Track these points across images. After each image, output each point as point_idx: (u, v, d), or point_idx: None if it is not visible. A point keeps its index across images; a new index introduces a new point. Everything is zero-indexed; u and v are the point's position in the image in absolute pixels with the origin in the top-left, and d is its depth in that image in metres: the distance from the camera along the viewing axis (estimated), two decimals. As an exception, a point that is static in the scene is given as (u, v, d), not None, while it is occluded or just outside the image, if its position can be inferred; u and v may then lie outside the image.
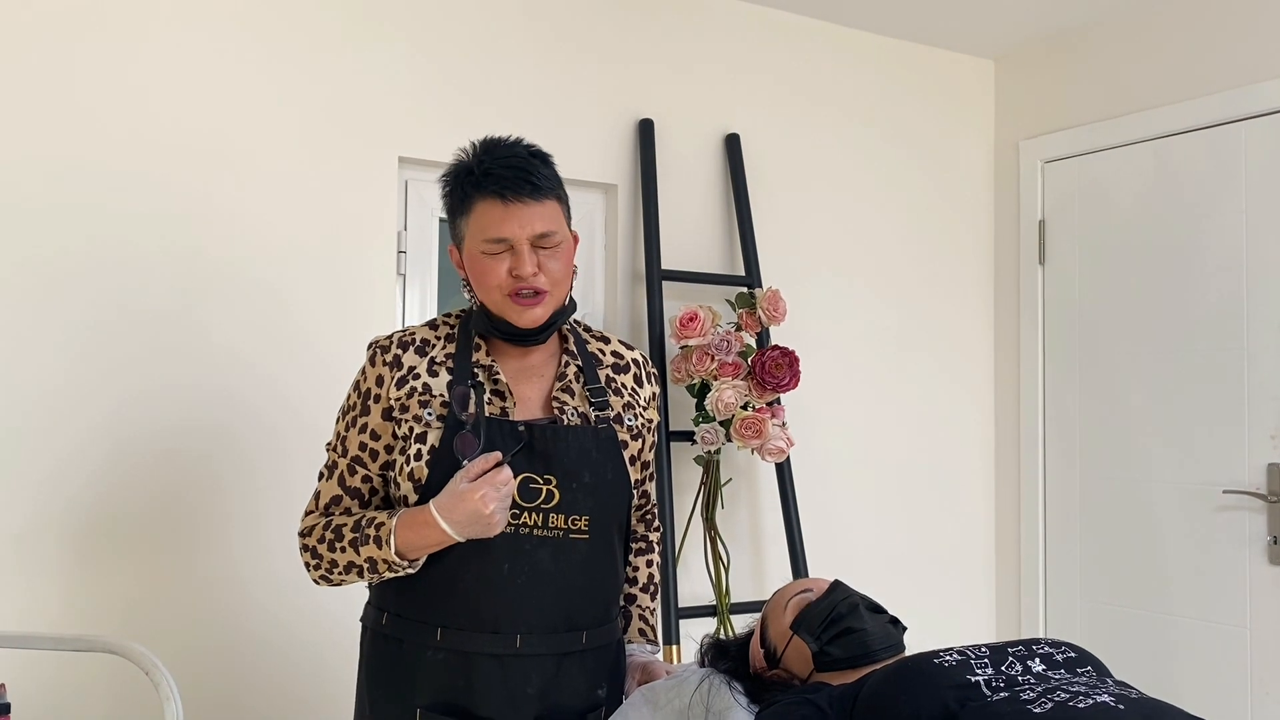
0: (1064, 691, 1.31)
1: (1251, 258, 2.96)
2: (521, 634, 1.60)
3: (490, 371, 1.67)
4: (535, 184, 1.59)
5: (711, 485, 2.86)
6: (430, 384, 1.65)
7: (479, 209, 1.60)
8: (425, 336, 1.70)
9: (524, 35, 2.81)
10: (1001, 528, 3.58)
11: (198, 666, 2.32)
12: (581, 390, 1.71)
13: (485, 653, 1.60)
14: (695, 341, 2.77)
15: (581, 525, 1.63)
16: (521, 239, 1.59)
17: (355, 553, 1.60)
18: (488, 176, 1.59)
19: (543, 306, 1.63)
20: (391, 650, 1.65)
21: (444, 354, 1.68)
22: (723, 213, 3.12)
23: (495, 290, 1.62)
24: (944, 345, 3.51)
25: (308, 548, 1.66)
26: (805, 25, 3.27)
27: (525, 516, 1.60)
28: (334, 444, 1.71)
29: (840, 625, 1.62)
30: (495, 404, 1.65)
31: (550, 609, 1.62)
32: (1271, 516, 2.89)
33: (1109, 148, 3.30)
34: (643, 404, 1.77)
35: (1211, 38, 3.06)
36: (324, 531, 1.65)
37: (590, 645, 1.67)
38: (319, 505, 1.70)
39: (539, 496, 1.61)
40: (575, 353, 1.74)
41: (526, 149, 1.64)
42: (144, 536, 2.31)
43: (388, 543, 1.56)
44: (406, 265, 2.67)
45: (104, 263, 2.29)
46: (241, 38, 2.45)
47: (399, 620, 1.64)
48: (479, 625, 1.60)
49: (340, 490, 1.69)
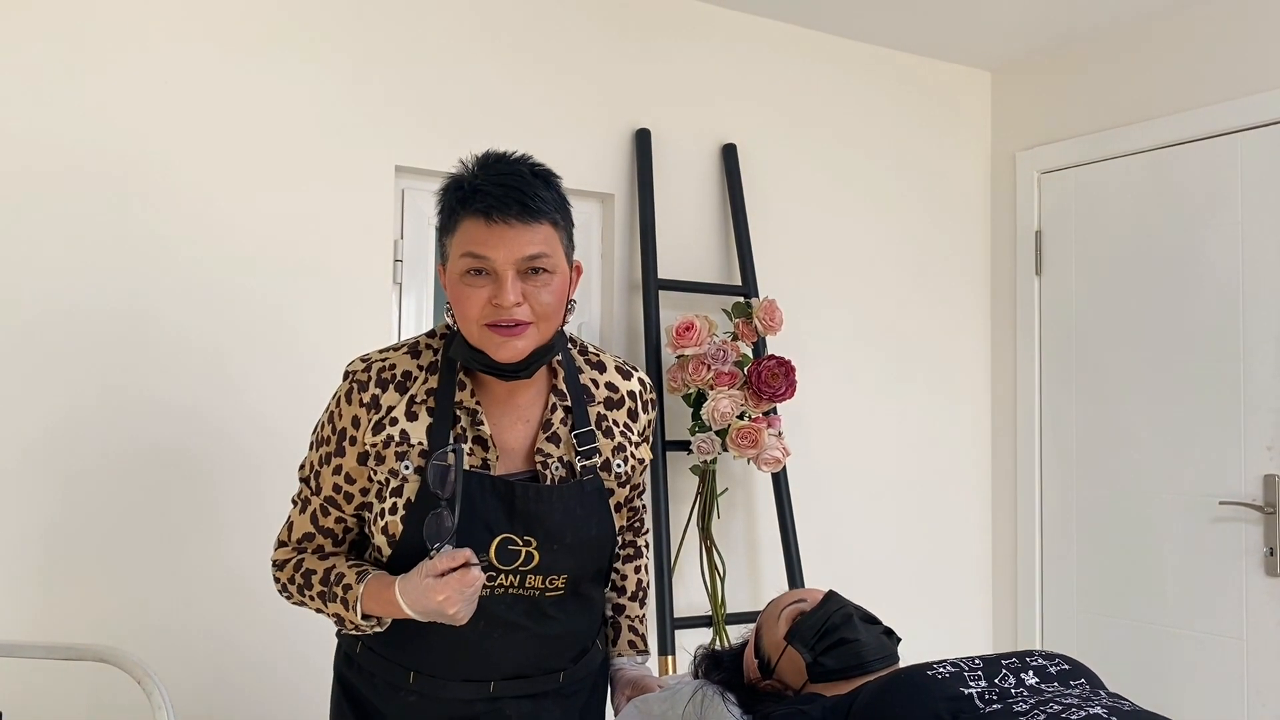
0: (1057, 704, 1.31)
1: (1247, 268, 2.96)
2: (496, 681, 1.57)
3: (474, 418, 1.55)
4: (526, 205, 1.44)
5: (707, 495, 2.86)
6: (408, 431, 1.53)
7: (463, 228, 1.47)
8: (406, 368, 1.57)
9: (521, 45, 2.82)
10: (998, 539, 3.57)
11: (189, 676, 2.32)
12: (568, 437, 1.59)
13: (459, 698, 1.57)
14: (691, 351, 2.77)
15: (559, 584, 1.57)
16: (505, 264, 1.44)
17: (324, 604, 1.57)
18: (476, 194, 1.45)
19: (524, 339, 1.47)
20: (364, 683, 1.63)
21: (425, 390, 1.55)
22: (719, 222, 3.12)
23: (473, 321, 1.48)
24: (940, 355, 3.51)
25: (280, 580, 1.63)
26: (802, 36, 3.28)
27: (501, 578, 1.52)
28: (307, 475, 1.62)
29: (834, 636, 1.61)
30: (477, 454, 1.54)
31: (525, 659, 1.59)
32: (1268, 528, 2.89)
33: (1105, 159, 3.31)
34: (635, 439, 1.67)
35: (1207, 50, 3.07)
36: (294, 573, 1.61)
37: (566, 683, 1.65)
38: (291, 538, 1.64)
39: (517, 559, 1.52)
40: (564, 391, 1.61)
41: (530, 167, 1.50)
42: (136, 544, 2.30)
43: (354, 608, 1.52)
44: (403, 274, 2.68)
45: (98, 272, 2.29)
46: (239, 46, 2.46)
47: (372, 655, 1.61)
48: (452, 675, 1.57)
49: (313, 528, 1.62)
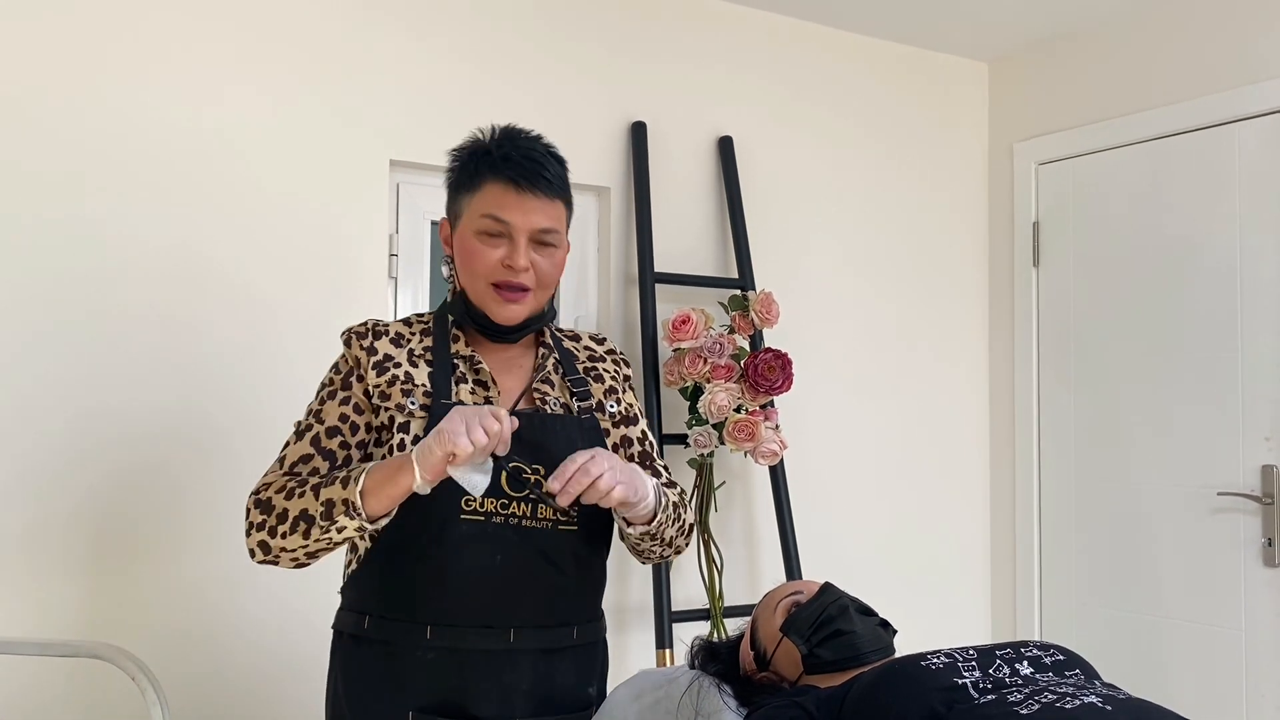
0: (1051, 693, 1.31)
1: (1245, 259, 2.96)
2: (514, 628, 1.58)
3: (472, 362, 1.65)
4: (549, 179, 1.60)
5: (705, 488, 2.85)
6: (412, 373, 1.62)
7: (488, 189, 1.60)
8: (399, 330, 1.68)
9: (516, 38, 2.81)
10: (996, 530, 3.57)
11: (186, 674, 2.31)
12: (561, 381, 1.70)
13: (478, 649, 1.57)
14: (688, 344, 2.76)
15: (572, 516, 1.60)
16: (522, 230, 1.58)
17: (314, 497, 1.49)
18: (506, 161, 1.59)
19: (524, 305, 1.62)
20: (375, 654, 1.61)
21: (422, 347, 1.66)
22: (716, 215, 3.11)
23: (481, 278, 1.61)
24: (938, 347, 3.50)
25: (260, 502, 1.54)
26: (799, 28, 3.27)
27: (515, 506, 1.57)
28: (305, 419, 1.63)
29: (830, 628, 1.61)
30: (479, 394, 1.64)
31: (542, 602, 1.61)
32: (1266, 518, 2.88)
33: (1103, 149, 3.30)
34: (623, 385, 1.77)
35: (1205, 40, 3.06)
36: (285, 481, 1.55)
37: (580, 641, 1.67)
38: (284, 466, 1.59)
39: (528, 486, 1.57)
40: (551, 345, 1.73)
41: (545, 146, 1.65)
42: (130, 541, 2.30)
43: (355, 480, 1.47)
44: (398, 268, 2.67)
45: (92, 265, 2.29)
46: (234, 40, 2.45)
47: (384, 622, 1.60)
48: (471, 620, 1.57)
49: (313, 449, 1.59)
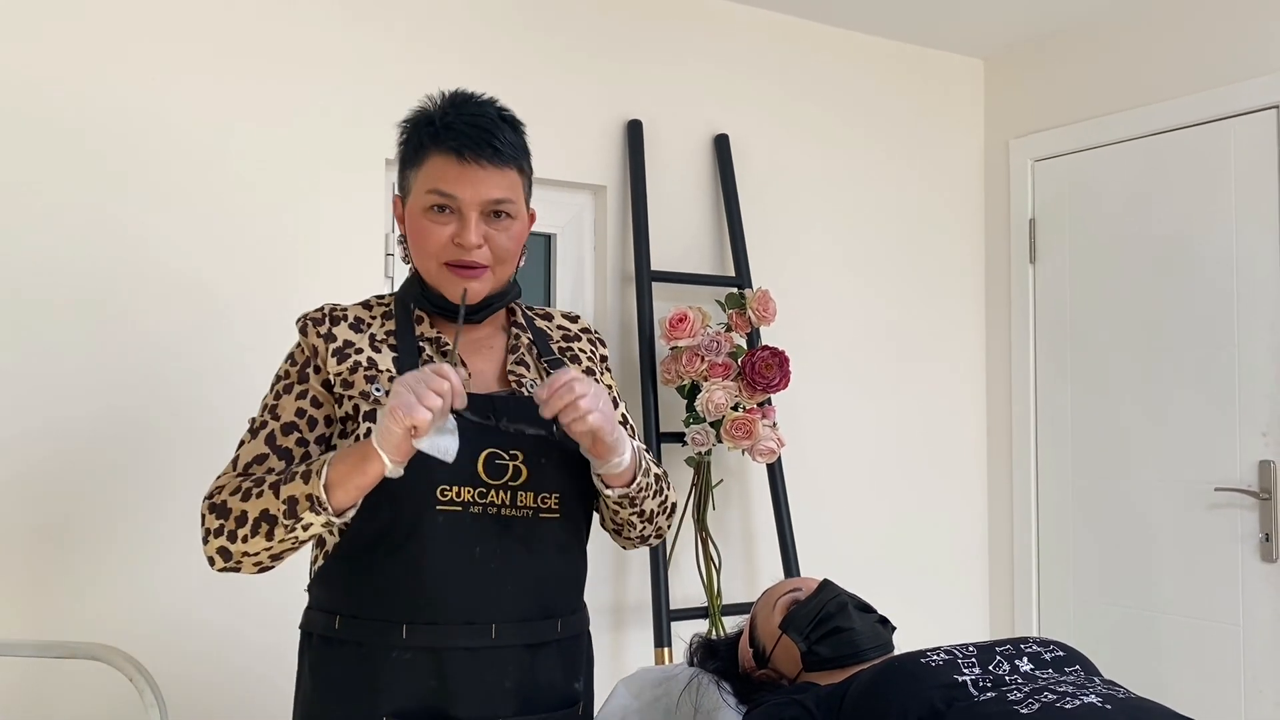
0: (1051, 692, 1.30)
1: (1242, 254, 2.96)
2: (496, 623, 1.47)
3: (438, 344, 1.55)
4: (497, 148, 1.47)
5: (703, 487, 2.85)
6: (375, 359, 1.51)
7: (431, 163, 1.48)
8: (359, 315, 1.57)
9: (512, 37, 2.80)
10: (994, 526, 3.57)
11: (184, 675, 2.30)
12: (536, 361, 1.59)
13: (458, 647, 1.46)
14: (685, 342, 2.76)
15: (552, 504, 1.51)
16: (471, 204, 1.46)
17: (274, 495, 1.40)
18: (448, 130, 1.47)
19: (480, 282, 1.50)
20: (347, 655, 1.48)
21: (384, 331, 1.55)
22: (712, 213, 3.11)
23: (432, 258, 1.50)
24: (935, 344, 3.50)
25: (215, 506, 1.44)
26: (794, 25, 3.26)
27: (493, 495, 1.47)
28: (259, 415, 1.53)
29: (829, 625, 1.61)
30: None
31: (525, 594, 1.50)
32: (1263, 513, 2.89)
33: (1099, 146, 3.30)
34: (600, 366, 1.67)
35: (1200, 35, 3.06)
36: (240, 482, 1.45)
37: (565, 634, 1.55)
38: (237, 467, 1.49)
39: (505, 473, 1.48)
40: (524, 324, 1.63)
41: (498, 111, 1.52)
42: (126, 541, 2.29)
43: (318, 474, 1.38)
44: (394, 268, 2.66)
45: (87, 266, 2.28)
46: (229, 39, 2.44)
47: (355, 622, 1.48)
48: (450, 617, 1.46)
49: (267, 449, 1.49)
